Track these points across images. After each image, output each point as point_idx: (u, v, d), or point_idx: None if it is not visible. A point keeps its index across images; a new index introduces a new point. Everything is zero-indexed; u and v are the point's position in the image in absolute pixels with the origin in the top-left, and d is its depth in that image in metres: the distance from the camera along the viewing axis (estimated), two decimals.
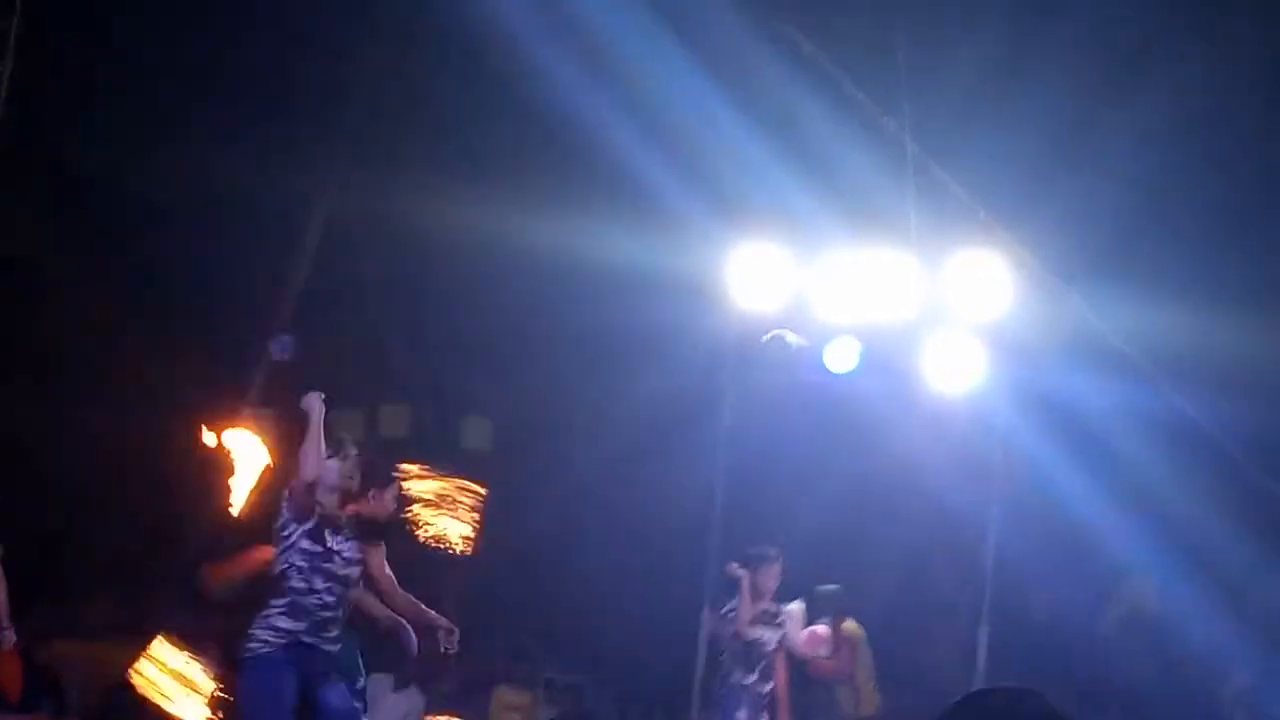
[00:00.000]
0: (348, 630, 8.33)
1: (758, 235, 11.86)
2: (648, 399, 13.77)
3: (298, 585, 7.59)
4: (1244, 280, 12.46)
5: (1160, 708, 12.35)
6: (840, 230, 11.74)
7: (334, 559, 7.68)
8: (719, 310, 12.00)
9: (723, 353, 12.47)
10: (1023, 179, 12.16)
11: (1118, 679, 12.83)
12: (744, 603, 10.65)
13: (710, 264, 11.94)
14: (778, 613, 10.76)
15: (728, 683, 10.68)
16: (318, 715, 7.67)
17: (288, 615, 7.57)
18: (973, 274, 11.51)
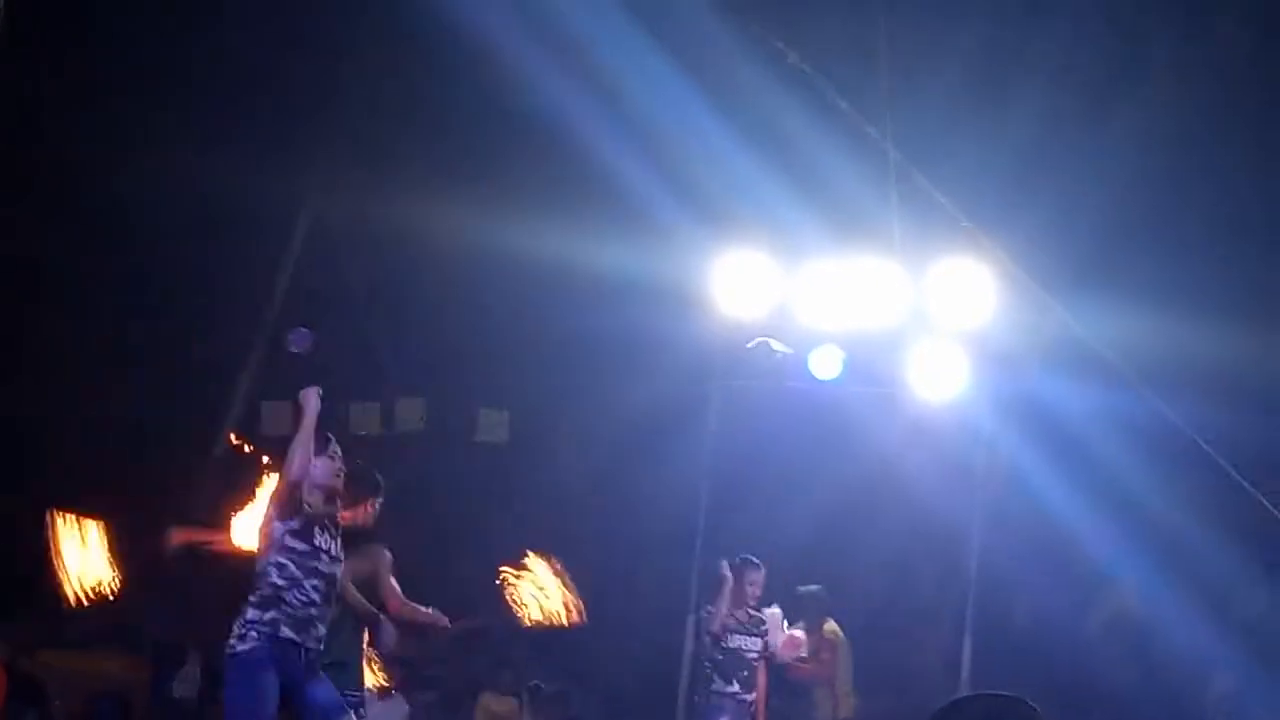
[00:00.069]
0: (351, 646, 8.40)
1: (743, 243, 11.90)
2: (633, 406, 13.79)
3: (282, 583, 7.58)
4: (1226, 287, 12.53)
5: (1143, 712, 12.39)
6: (824, 238, 11.79)
7: (320, 557, 7.68)
8: (704, 318, 12.04)
9: (708, 360, 12.51)
10: (1005, 187, 12.21)
11: (1101, 684, 12.86)
12: (721, 605, 10.66)
13: (695, 272, 11.98)
14: (761, 621, 10.76)
15: (710, 691, 10.67)
16: (306, 712, 7.64)
17: (273, 613, 7.55)
18: (956, 282, 11.57)
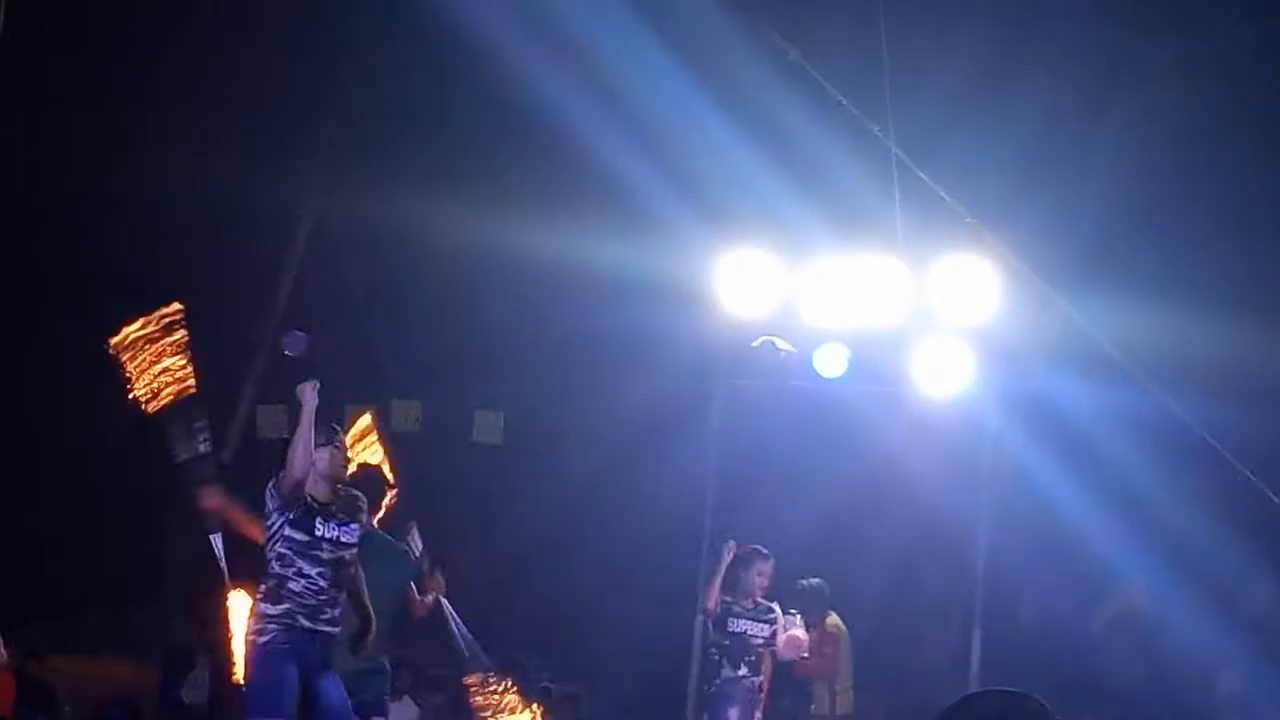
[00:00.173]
0: (377, 659, 8.44)
1: (746, 241, 11.88)
2: (638, 404, 13.80)
3: (286, 572, 7.77)
4: (1232, 282, 12.52)
5: (1150, 709, 12.39)
6: (827, 236, 11.77)
7: (322, 545, 7.85)
8: (708, 316, 12.03)
9: (712, 358, 12.50)
10: (1009, 183, 12.21)
11: (1108, 681, 12.86)
12: (716, 581, 10.67)
13: (698, 270, 11.96)
14: (769, 609, 10.75)
15: (718, 680, 10.67)
16: (316, 704, 7.77)
17: (285, 605, 7.72)
18: (960, 278, 11.54)
